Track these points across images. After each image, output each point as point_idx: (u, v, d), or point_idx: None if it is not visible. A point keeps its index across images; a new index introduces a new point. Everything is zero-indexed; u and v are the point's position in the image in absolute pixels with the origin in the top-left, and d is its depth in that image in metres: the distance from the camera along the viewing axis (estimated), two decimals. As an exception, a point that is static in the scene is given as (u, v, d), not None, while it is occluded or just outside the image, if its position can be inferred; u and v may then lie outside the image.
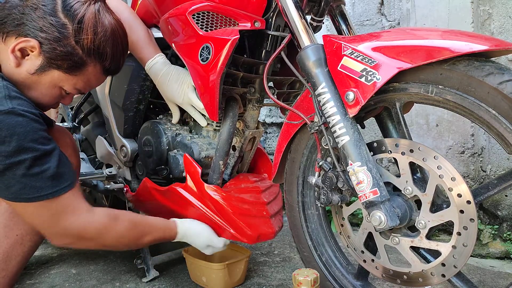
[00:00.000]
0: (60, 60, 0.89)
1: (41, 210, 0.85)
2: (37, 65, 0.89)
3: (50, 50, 0.87)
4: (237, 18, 1.05)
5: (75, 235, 0.90)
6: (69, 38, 0.88)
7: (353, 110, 0.81)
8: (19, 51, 0.87)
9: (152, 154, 1.27)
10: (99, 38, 0.91)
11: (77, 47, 0.90)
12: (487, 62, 0.72)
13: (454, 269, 0.78)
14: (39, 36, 0.86)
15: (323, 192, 0.90)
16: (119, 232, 0.97)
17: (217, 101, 1.03)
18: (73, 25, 0.88)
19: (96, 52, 0.92)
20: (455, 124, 1.67)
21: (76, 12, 0.89)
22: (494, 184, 0.77)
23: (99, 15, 0.91)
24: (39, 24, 0.86)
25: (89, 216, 0.92)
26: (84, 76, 0.95)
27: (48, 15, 0.87)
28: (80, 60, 0.91)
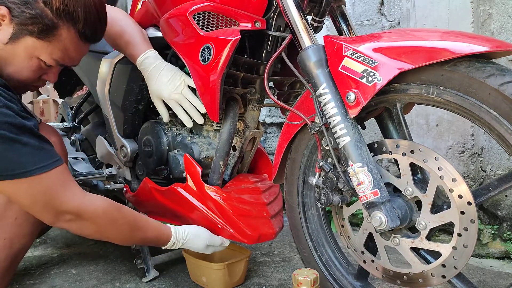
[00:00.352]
0: (31, 25, 0.87)
1: (33, 188, 0.83)
2: (9, 34, 0.86)
3: (19, 15, 0.85)
4: (238, 18, 1.05)
5: (73, 212, 0.88)
6: (37, 1, 0.86)
7: (354, 110, 0.81)
8: None
9: (152, 154, 1.27)
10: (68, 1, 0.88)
11: (46, 9, 0.87)
12: (488, 63, 0.72)
13: (454, 270, 0.78)
14: (7, 1, 0.84)
15: (323, 193, 0.90)
16: (114, 216, 0.95)
17: (218, 102, 1.03)
18: None
19: (66, 13, 0.89)
20: (455, 124, 1.67)
21: None
22: (495, 185, 0.77)
23: None
24: None
25: (84, 195, 0.90)
26: (59, 42, 0.92)
27: None
28: (51, 23, 0.89)
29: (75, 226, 0.92)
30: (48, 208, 0.86)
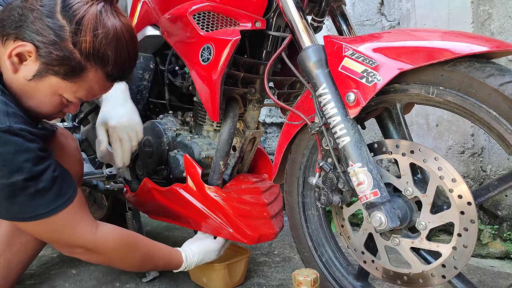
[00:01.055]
0: (57, 65, 0.83)
1: (41, 228, 0.85)
2: (34, 71, 0.83)
3: (46, 55, 0.81)
4: (238, 18, 1.05)
5: (84, 247, 0.90)
6: (66, 41, 0.81)
7: (354, 111, 0.81)
8: (16, 56, 0.81)
9: (152, 154, 1.27)
10: (99, 40, 0.83)
11: (75, 51, 0.82)
12: (488, 64, 0.72)
13: (454, 270, 0.78)
14: (35, 39, 0.80)
15: (323, 193, 0.90)
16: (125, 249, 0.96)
17: (218, 102, 1.03)
18: (70, 27, 0.81)
19: (96, 56, 0.84)
20: (455, 124, 1.67)
21: (75, 12, 0.81)
22: (495, 185, 0.77)
23: (100, 16, 0.83)
24: (36, 26, 0.80)
25: (96, 230, 0.91)
26: (85, 83, 0.87)
27: (45, 16, 0.80)
28: (79, 65, 0.84)
29: (87, 257, 0.94)
30: (60, 243, 0.89)
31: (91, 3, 0.84)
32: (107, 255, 0.94)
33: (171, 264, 1.08)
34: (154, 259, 1.04)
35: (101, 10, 0.84)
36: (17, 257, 0.98)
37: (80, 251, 0.91)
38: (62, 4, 0.82)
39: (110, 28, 0.85)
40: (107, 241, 0.93)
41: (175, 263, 1.09)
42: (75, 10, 0.82)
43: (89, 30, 0.82)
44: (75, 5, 0.82)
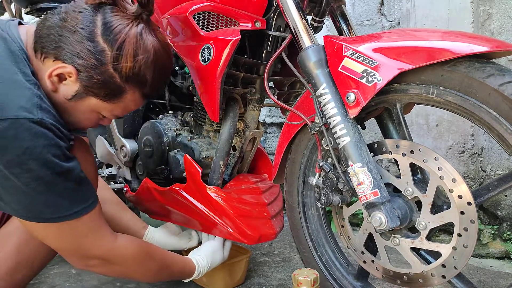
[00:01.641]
0: (97, 88, 0.83)
1: (63, 232, 0.81)
2: (73, 91, 0.83)
3: (86, 78, 0.81)
4: (238, 18, 1.05)
5: (102, 258, 0.87)
6: (107, 65, 0.81)
7: (354, 111, 0.81)
8: (56, 76, 0.81)
9: (152, 154, 1.27)
10: (139, 65, 0.84)
11: (115, 75, 0.83)
12: (488, 64, 0.72)
13: (454, 270, 0.78)
14: (76, 62, 0.80)
15: (323, 193, 0.90)
16: (143, 259, 0.94)
17: (218, 102, 1.03)
18: (112, 52, 0.81)
19: (135, 79, 0.85)
20: (455, 124, 1.67)
21: (117, 36, 0.81)
22: (495, 185, 0.77)
23: (141, 39, 0.84)
24: (77, 49, 0.80)
25: (115, 240, 0.89)
26: (122, 103, 0.89)
27: (86, 39, 0.80)
28: (118, 88, 0.85)
29: (102, 270, 0.91)
30: (76, 252, 0.85)
31: (131, 25, 0.83)
32: (125, 266, 0.92)
33: (185, 271, 1.08)
34: (170, 267, 1.03)
35: (141, 32, 0.84)
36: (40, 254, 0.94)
37: (96, 262, 0.87)
38: (103, 27, 0.81)
39: (150, 51, 0.85)
40: (125, 250, 0.91)
41: (188, 270, 1.08)
42: (116, 34, 0.81)
43: (130, 55, 0.83)
44: (116, 28, 0.81)
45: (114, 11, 0.83)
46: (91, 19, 0.81)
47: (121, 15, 0.83)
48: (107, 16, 0.82)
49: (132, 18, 0.84)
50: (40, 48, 0.82)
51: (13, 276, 0.89)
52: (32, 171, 0.72)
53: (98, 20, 0.81)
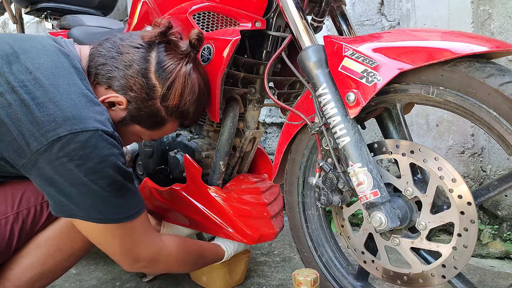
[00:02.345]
0: (143, 119, 0.91)
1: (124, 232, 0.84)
2: (120, 118, 0.89)
3: (135, 109, 0.88)
4: (238, 18, 1.05)
5: (148, 259, 0.90)
6: (156, 100, 0.89)
7: (354, 111, 0.81)
8: (107, 102, 0.87)
9: (153, 154, 1.27)
10: (184, 103, 0.92)
11: (162, 109, 0.90)
12: (488, 64, 0.72)
13: (454, 270, 0.78)
14: (127, 94, 0.87)
15: (323, 193, 0.90)
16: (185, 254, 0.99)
17: (218, 102, 1.03)
18: (162, 89, 0.88)
19: (179, 114, 0.94)
20: (455, 124, 1.67)
21: (168, 75, 0.88)
22: (495, 185, 0.77)
23: (189, 79, 0.91)
24: (130, 82, 0.86)
25: (162, 240, 0.93)
26: (162, 131, 0.97)
27: (141, 75, 0.86)
28: (162, 120, 0.93)
29: (149, 269, 0.94)
30: (131, 253, 0.87)
31: (181, 64, 0.90)
32: (168, 264, 0.96)
33: (217, 256, 1.14)
34: (204, 257, 1.08)
35: (189, 72, 0.91)
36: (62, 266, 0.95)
37: (145, 264, 0.91)
38: (157, 66, 0.88)
39: (196, 90, 0.93)
40: (171, 249, 0.95)
41: (220, 255, 1.14)
42: (168, 73, 0.88)
43: (178, 94, 0.90)
44: (169, 67, 0.88)
45: (167, 49, 0.90)
46: (146, 56, 0.87)
47: (173, 54, 0.90)
48: (160, 55, 0.89)
49: (183, 57, 0.91)
50: (94, 74, 0.87)
51: (33, 285, 0.90)
52: (109, 177, 0.77)
53: (152, 58, 0.88)
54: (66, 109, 0.73)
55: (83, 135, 0.73)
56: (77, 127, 0.73)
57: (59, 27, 1.75)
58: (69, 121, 0.73)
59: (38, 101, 0.73)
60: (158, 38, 0.89)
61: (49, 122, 0.72)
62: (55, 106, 0.73)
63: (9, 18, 2.87)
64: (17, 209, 0.85)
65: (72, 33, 1.59)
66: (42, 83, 0.74)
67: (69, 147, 0.72)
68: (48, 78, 0.75)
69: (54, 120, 0.72)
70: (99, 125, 0.76)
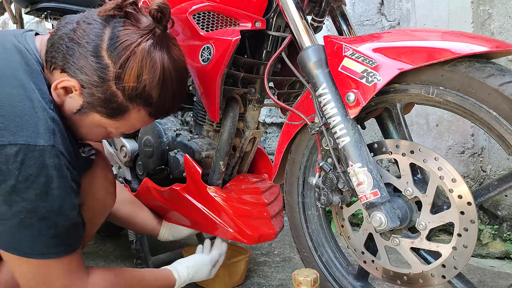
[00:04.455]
0: (99, 106, 0.79)
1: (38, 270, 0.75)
2: (78, 106, 0.79)
3: (89, 95, 0.77)
4: (238, 18, 1.05)
5: None
6: (109, 83, 0.77)
7: (354, 111, 0.81)
8: (61, 88, 0.77)
9: (153, 154, 1.27)
10: (143, 85, 0.79)
11: (118, 91, 0.78)
12: (488, 64, 0.72)
13: (454, 270, 0.78)
14: (79, 77, 0.76)
15: (323, 193, 0.90)
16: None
17: (218, 102, 1.03)
18: (114, 69, 0.76)
19: (140, 99, 0.80)
20: (455, 124, 1.67)
21: (121, 53, 0.76)
22: (495, 185, 0.77)
23: (148, 57, 0.78)
24: (81, 63, 0.76)
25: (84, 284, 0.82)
26: (127, 121, 0.84)
27: (90, 55, 0.76)
28: (121, 107, 0.80)
29: None
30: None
31: (140, 40, 0.78)
32: None
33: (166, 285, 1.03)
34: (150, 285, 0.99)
35: (149, 49, 0.78)
36: None
37: None
38: (109, 42, 0.76)
39: (157, 70, 0.80)
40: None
41: (169, 283, 1.04)
42: (121, 50, 0.76)
43: (134, 74, 0.78)
44: (122, 44, 0.77)
45: (126, 24, 0.78)
46: (99, 32, 0.77)
47: (132, 30, 0.78)
48: (115, 30, 0.77)
49: (144, 33, 0.79)
50: (50, 58, 0.79)
51: None
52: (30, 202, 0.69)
53: (106, 34, 0.77)
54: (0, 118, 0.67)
55: (10, 148, 0.67)
56: (5, 139, 0.67)
57: (59, 27, 1.75)
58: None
59: None
60: (114, 11, 0.77)
61: None
62: None
63: (9, 18, 2.87)
64: None
65: (72, 33, 1.58)
66: None
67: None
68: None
69: None
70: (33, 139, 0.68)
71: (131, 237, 1.42)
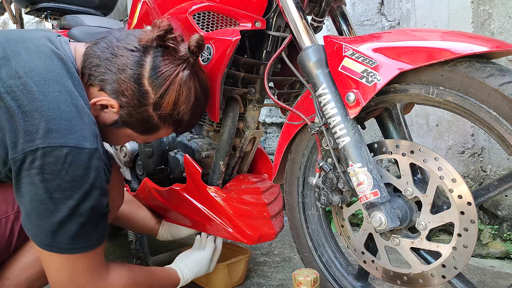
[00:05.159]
0: (135, 124, 0.87)
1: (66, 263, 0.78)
2: (113, 120, 0.86)
3: (126, 114, 0.85)
4: (238, 18, 1.05)
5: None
6: (148, 107, 0.84)
7: (354, 111, 0.81)
8: (99, 105, 0.84)
9: (152, 154, 1.27)
10: (177, 112, 0.88)
11: (154, 114, 0.86)
12: (488, 64, 0.72)
13: (454, 270, 0.78)
14: (119, 98, 0.83)
15: (323, 193, 0.90)
16: None
17: (218, 102, 1.03)
18: (155, 97, 0.84)
19: (172, 121, 0.90)
20: (455, 124, 1.67)
21: (162, 82, 0.83)
22: (495, 185, 0.77)
23: (184, 87, 0.86)
24: (122, 87, 0.82)
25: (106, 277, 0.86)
26: (155, 135, 0.94)
27: (133, 81, 0.82)
28: (154, 127, 0.89)
29: None
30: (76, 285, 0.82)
31: (178, 70, 0.85)
32: None
33: (171, 284, 1.07)
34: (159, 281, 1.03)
35: (186, 79, 0.86)
36: None
37: None
38: (151, 71, 0.83)
39: (191, 99, 0.88)
40: (116, 285, 0.88)
41: (174, 282, 1.08)
42: (162, 79, 0.83)
43: (171, 102, 0.85)
44: (164, 73, 0.83)
45: (165, 54, 0.85)
46: (140, 60, 0.83)
47: (170, 59, 0.85)
48: (156, 60, 0.83)
49: (180, 62, 0.86)
50: (87, 75, 0.84)
51: (33, 283, 0.88)
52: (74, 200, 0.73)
53: (147, 63, 0.83)
54: (51, 121, 0.71)
55: (61, 150, 0.71)
56: (57, 141, 0.71)
57: (59, 27, 1.75)
58: (51, 134, 0.70)
59: (24, 109, 0.71)
60: (155, 41, 0.84)
61: (31, 133, 0.70)
62: (40, 116, 0.71)
63: (9, 18, 2.87)
64: (18, 209, 0.84)
65: (72, 33, 1.59)
66: (31, 89, 0.72)
67: (43, 160, 0.70)
68: (38, 85, 0.73)
69: (37, 131, 0.70)
70: (81, 142, 0.73)
71: (130, 237, 1.42)
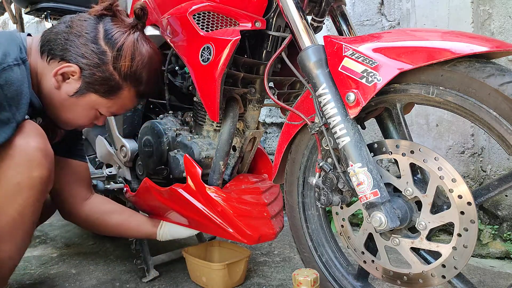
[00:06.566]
0: (98, 85, 0.96)
1: None
2: (75, 88, 0.96)
3: (89, 75, 0.95)
4: (238, 18, 1.05)
5: None
6: (108, 64, 0.96)
7: (354, 111, 0.81)
8: (60, 75, 0.94)
9: (152, 154, 1.27)
10: (136, 64, 0.99)
11: (115, 73, 0.97)
12: (488, 64, 0.72)
13: (454, 270, 0.78)
14: (80, 61, 0.94)
15: (323, 193, 0.90)
16: None
17: (218, 102, 1.03)
18: (112, 52, 0.96)
19: (133, 77, 1.00)
20: (455, 124, 1.67)
21: (116, 40, 0.96)
22: (495, 185, 0.77)
23: (137, 44, 0.99)
24: (81, 50, 0.94)
25: None
26: (119, 100, 1.02)
27: (90, 42, 0.94)
28: (117, 85, 0.99)
29: None
30: None
31: (128, 32, 0.99)
32: None
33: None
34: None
35: (137, 39, 1.00)
36: None
37: None
38: (105, 33, 0.97)
39: (145, 53, 1.01)
40: None
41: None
42: (116, 38, 0.97)
43: (128, 56, 0.98)
44: (116, 34, 0.97)
45: (114, 21, 0.99)
46: (95, 26, 0.96)
47: (120, 25, 0.99)
48: (108, 25, 0.98)
49: (129, 27, 0.99)
50: (47, 50, 0.95)
51: None
52: None
53: (100, 27, 0.97)
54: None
55: None
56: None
57: (59, 27, 1.75)
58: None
59: None
60: (104, 11, 0.98)
61: None
62: None
63: (9, 18, 2.87)
64: None
65: (72, 33, 1.58)
66: None
67: None
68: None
69: None
70: None
71: (131, 237, 1.42)
